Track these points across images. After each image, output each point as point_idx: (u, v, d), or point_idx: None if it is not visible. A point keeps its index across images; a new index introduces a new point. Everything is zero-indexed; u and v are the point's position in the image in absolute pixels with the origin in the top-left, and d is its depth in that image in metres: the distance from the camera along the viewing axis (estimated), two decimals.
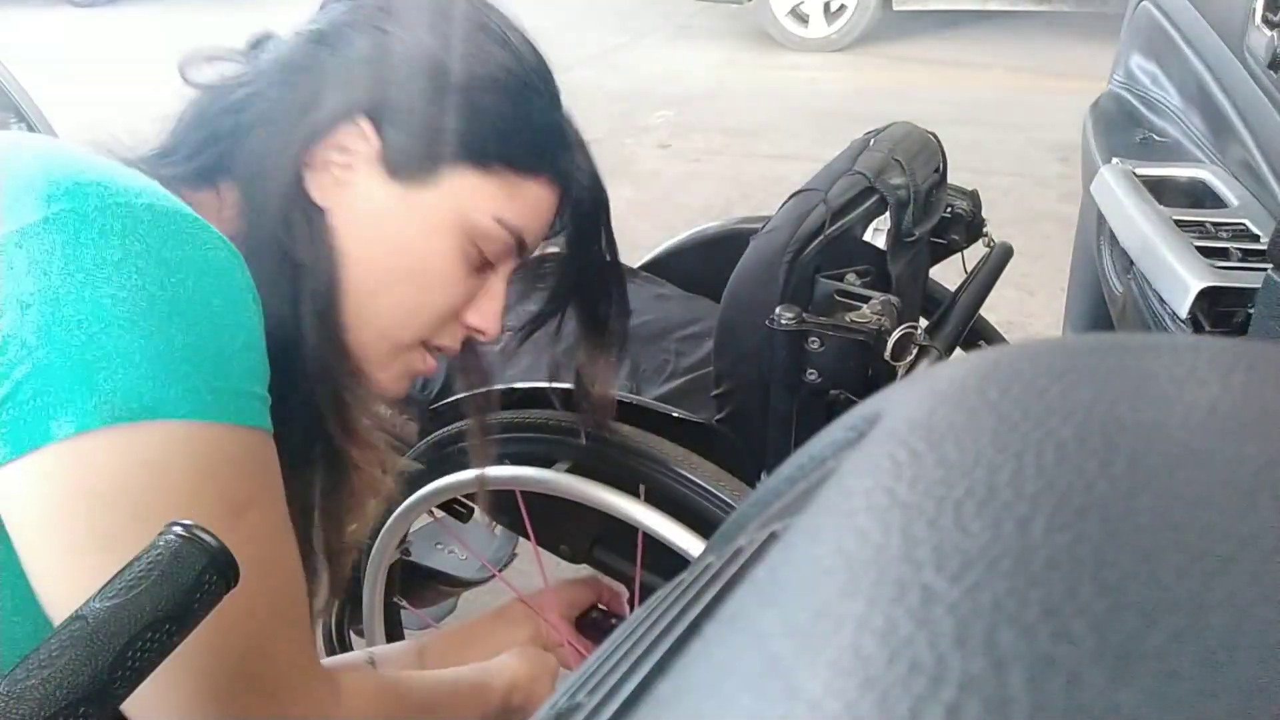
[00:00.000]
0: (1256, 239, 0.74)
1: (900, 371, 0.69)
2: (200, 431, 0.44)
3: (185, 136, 0.58)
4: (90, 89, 4.72)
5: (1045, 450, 0.15)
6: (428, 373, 0.65)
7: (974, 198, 0.90)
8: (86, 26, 6.37)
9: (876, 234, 0.77)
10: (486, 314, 0.62)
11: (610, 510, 0.72)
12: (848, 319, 0.69)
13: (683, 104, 3.92)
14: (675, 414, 0.76)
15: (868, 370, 0.68)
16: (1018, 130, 3.35)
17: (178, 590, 0.33)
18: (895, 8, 4.56)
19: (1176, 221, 0.76)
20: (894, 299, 0.70)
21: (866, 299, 0.71)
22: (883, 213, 0.75)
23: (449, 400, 0.82)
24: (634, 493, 0.73)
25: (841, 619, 0.13)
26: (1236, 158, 0.84)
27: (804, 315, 0.69)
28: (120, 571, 0.33)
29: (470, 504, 0.89)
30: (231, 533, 0.40)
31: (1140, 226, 0.76)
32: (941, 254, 0.90)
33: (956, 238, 0.87)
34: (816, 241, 0.71)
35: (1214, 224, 0.76)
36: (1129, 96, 1.08)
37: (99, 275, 0.43)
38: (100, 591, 0.33)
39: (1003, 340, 0.97)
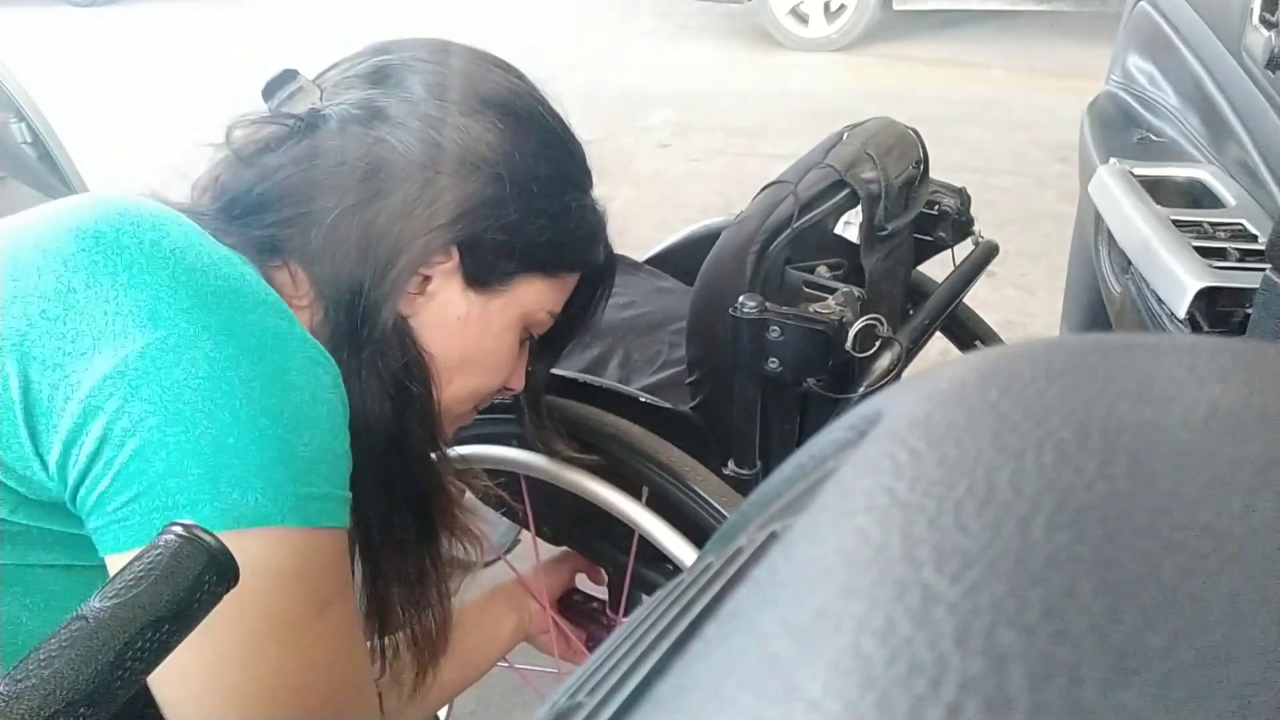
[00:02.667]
0: (1254, 239, 0.74)
1: (862, 363, 0.69)
2: (302, 536, 0.48)
3: (243, 201, 0.58)
4: (90, 89, 4.72)
5: (1045, 450, 0.15)
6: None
7: (962, 195, 0.90)
8: (87, 26, 6.36)
9: (849, 227, 0.77)
10: (518, 375, 0.70)
11: (578, 491, 0.75)
12: (811, 309, 0.69)
13: (683, 104, 3.92)
14: (642, 399, 0.78)
15: (829, 360, 0.69)
16: (1018, 130, 3.35)
17: (178, 590, 0.33)
18: (895, 8, 4.56)
19: (1174, 221, 0.76)
20: (857, 291, 0.70)
21: (833, 290, 0.71)
22: (854, 206, 0.75)
23: None
24: (602, 474, 0.75)
25: (841, 619, 0.13)
26: (1234, 157, 0.84)
27: (766, 304, 0.69)
28: (120, 571, 0.33)
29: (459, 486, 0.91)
30: (318, 625, 0.47)
31: (1138, 226, 0.76)
32: (929, 251, 0.90)
33: (944, 235, 0.87)
34: (785, 233, 0.72)
35: (1212, 224, 0.76)
36: (1126, 96, 1.08)
37: (229, 389, 0.46)
38: (100, 591, 0.33)
39: (1000, 340, 0.97)
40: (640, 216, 2.86)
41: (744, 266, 0.72)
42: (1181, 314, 0.69)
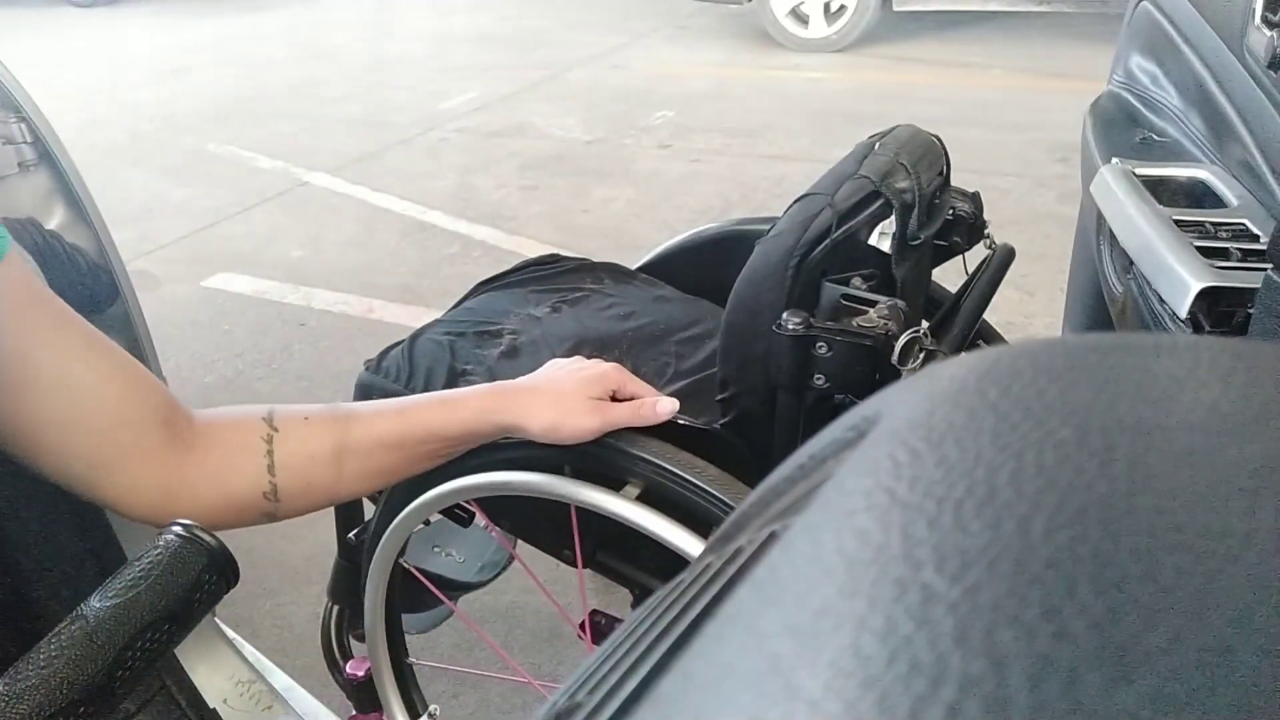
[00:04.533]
0: (1256, 239, 0.74)
1: (906, 376, 0.68)
2: None
3: None
4: (90, 89, 4.72)
5: (1045, 450, 0.15)
6: None
7: (975, 199, 0.89)
8: (87, 26, 6.36)
9: (884, 238, 0.77)
10: None
11: (605, 512, 0.72)
12: (855, 323, 0.68)
13: (683, 104, 3.92)
14: (680, 420, 0.75)
15: (875, 375, 0.68)
16: (1018, 130, 3.35)
17: (178, 590, 0.33)
18: (895, 8, 4.56)
19: (1176, 221, 0.76)
20: (900, 303, 0.69)
21: (873, 303, 0.70)
22: (888, 216, 0.75)
23: None
24: (629, 494, 0.72)
25: (841, 619, 0.13)
26: (1236, 157, 0.84)
27: (811, 320, 0.68)
28: (120, 571, 0.33)
29: (470, 509, 0.89)
30: None
31: (1140, 226, 0.76)
32: (943, 256, 0.90)
33: (959, 240, 0.87)
34: (823, 245, 0.71)
35: (1214, 224, 0.76)
36: (1128, 96, 1.08)
37: None
38: (100, 591, 0.33)
39: (1002, 340, 0.97)
40: (640, 217, 2.86)
41: (782, 281, 0.70)
42: (1183, 314, 0.69)
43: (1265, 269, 0.59)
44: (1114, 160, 0.89)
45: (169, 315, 2.36)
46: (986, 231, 0.89)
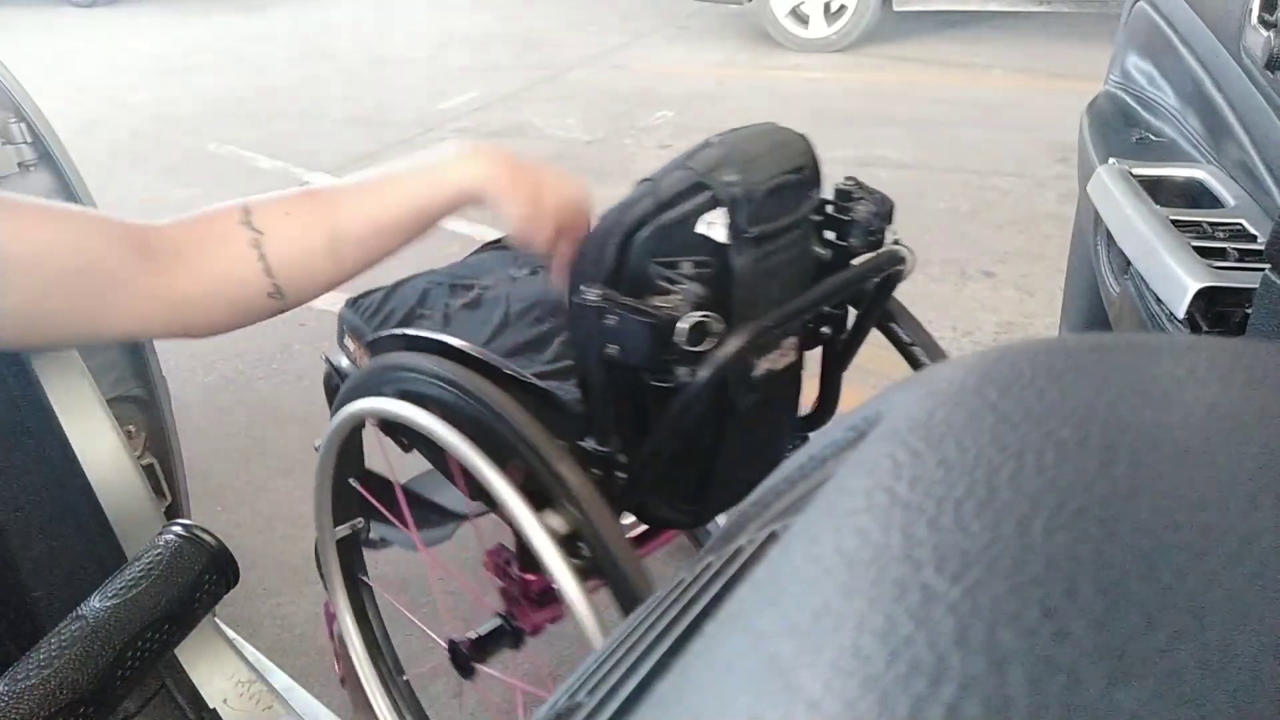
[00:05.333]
0: (1254, 239, 0.74)
1: (697, 356, 0.74)
2: None
3: None
4: (90, 89, 4.72)
5: (1045, 450, 0.15)
6: None
7: (882, 203, 0.91)
8: (87, 26, 6.36)
9: (713, 228, 0.79)
10: None
11: (447, 448, 0.82)
12: (653, 302, 0.74)
13: (683, 104, 3.92)
14: (506, 370, 0.86)
15: (657, 351, 0.73)
16: (1018, 130, 3.35)
17: (178, 590, 0.33)
18: (895, 8, 4.56)
19: (1173, 221, 0.76)
20: (697, 289, 0.74)
21: (683, 286, 0.76)
22: (714, 208, 0.78)
23: (384, 335, 1.00)
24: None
25: (841, 619, 0.13)
26: (1233, 158, 0.84)
27: (608, 294, 0.74)
28: (120, 571, 0.33)
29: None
30: None
31: (1137, 226, 0.77)
32: (844, 256, 0.91)
33: (854, 241, 0.89)
34: (646, 229, 0.75)
35: (1211, 224, 0.76)
36: (1125, 96, 1.08)
37: None
38: (100, 591, 0.33)
39: (938, 348, 1.00)
40: None
41: (600, 258, 0.76)
42: (1181, 314, 0.69)
43: (1263, 269, 0.59)
44: (1111, 160, 0.89)
45: None
46: (888, 236, 0.89)
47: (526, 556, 0.89)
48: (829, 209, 0.90)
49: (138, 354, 0.99)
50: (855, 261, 0.90)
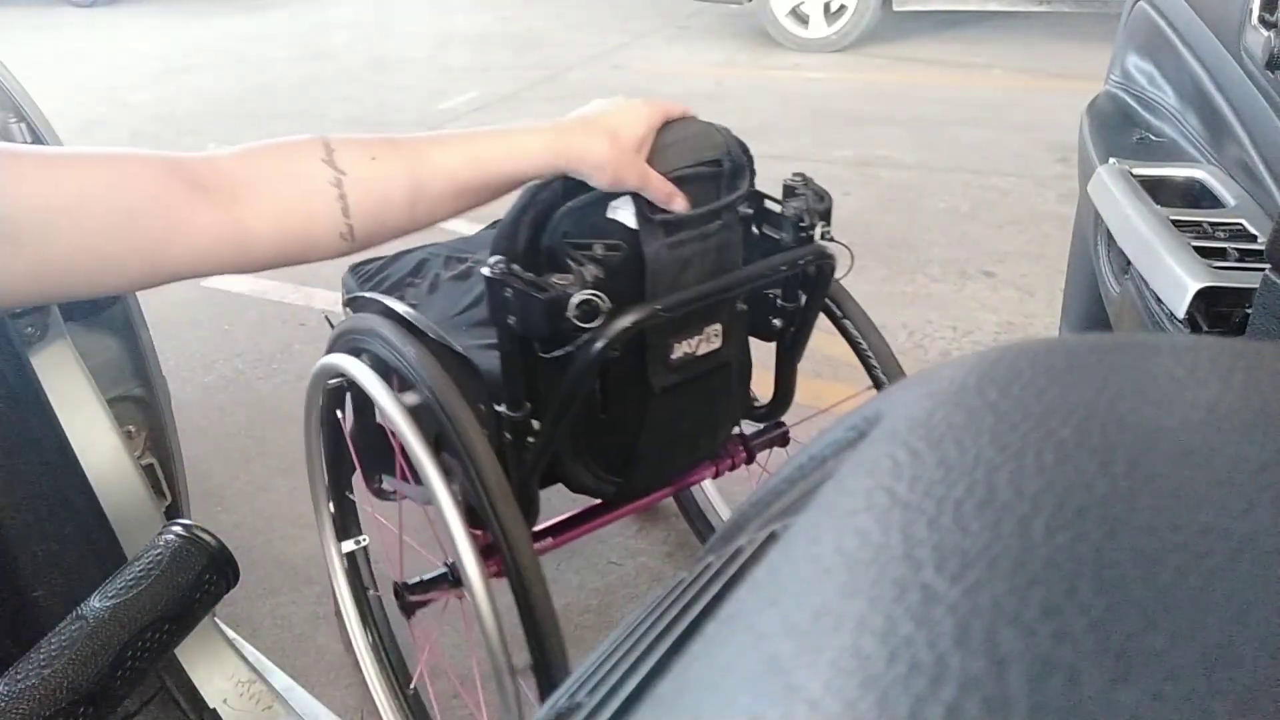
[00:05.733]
0: (1254, 239, 0.74)
1: (587, 332, 0.80)
2: None
3: None
4: (90, 89, 4.72)
5: (1045, 450, 0.15)
6: None
7: (817, 199, 0.92)
8: (87, 26, 6.36)
9: (619, 211, 0.82)
10: None
11: (374, 400, 0.92)
12: (553, 279, 0.79)
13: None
14: (432, 334, 0.93)
15: (552, 324, 0.79)
16: (1018, 130, 3.35)
17: (178, 590, 0.33)
18: (895, 8, 4.56)
19: (1174, 221, 0.76)
20: (593, 269, 0.80)
21: (584, 266, 0.82)
22: (619, 195, 0.82)
23: (353, 296, 1.12)
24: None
25: (841, 619, 0.13)
26: (1233, 158, 0.84)
27: (511, 268, 0.80)
28: (120, 571, 0.33)
29: None
30: None
31: (1137, 226, 0.77)
32: (774, 250, 0.93)
33: (785, 236, 0.92)
34: (559, 211, 0.81)
35: (1211, 224, 0.76)
36: (1126, 96, 1.08)
37: None
38: (100, 591, 0.33)
39: (876, 331, 1.04)
40: None
41: (513, 235, 0.82)
42: (1181, 314, 0.69)
43: (1263, 269, 0.59)
44: (1111, 160, 0.89)
45: (169, 315, 2.36)
46: (820, 232, 0.92)
47: (471, 511, 0.92)
48: (764, 203, 0.93)
49: (138, 354, 0.99)
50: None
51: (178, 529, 0.34)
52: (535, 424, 0.90)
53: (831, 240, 0.92)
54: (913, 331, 2.10)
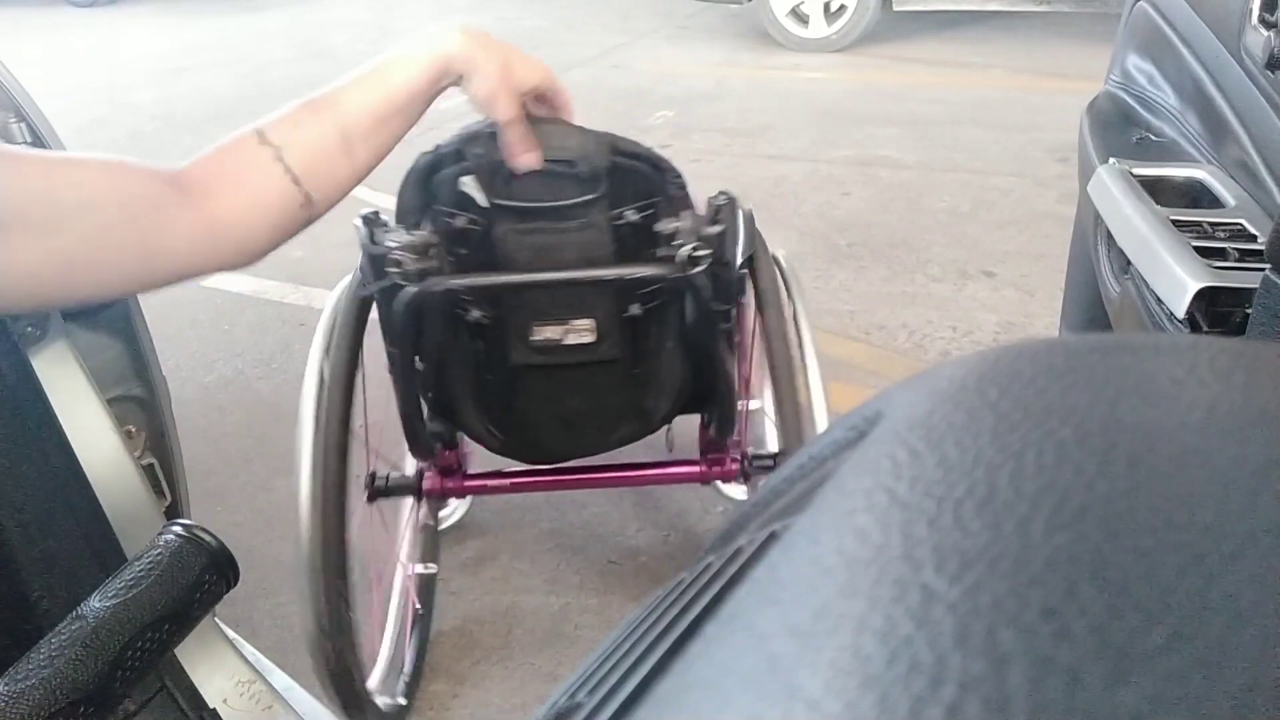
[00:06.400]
0: (1254, 239, 0.74)
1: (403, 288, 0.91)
2: None
3: None
4: (90, 89, 4.72)
5: (1045, 450, 0.15)
6: None
7: (696, 220, 0.93)
8: (87, 26, 6.36)
9: (466, 188, 0.90)
10: None
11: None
12: (396, 240, 0.89)
13: (683, 104, 3.92)
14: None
15: (378, 276, 0.91)
16: (1018, 130, 3.35)
17: (178, 590, 0.33)
18: (895, 8, 4.56)
19: (1174, 221, 0.76)
20: (416, 236, 0.89)
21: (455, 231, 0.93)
22: (467, 174, 0.89)
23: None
24: None
25: (841, 619, 0.13)
26: (1233, 158, 0.84)
27: (374, 229, 0.93)
28: (120, 571, 0.33)
29: None
30: None
31: (1137, 226, 0.77)
32: (648, 242, 0.95)
33: (659, 250, 0.93)
34: (434, 179, 0.90)
35: (1211, 224, 0.76)
36: (1125, 96, 1.08)
37: None
38: (100, 591, 0.33)
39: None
40: None
41: (401, 194, 0.93)
42: (1181, 314, 0.69)
43: (1263, 269, 0.59)
44: (1111, 160, 0.89)
45: (169, 315, 2.36)
46: (701, 255, 0.90)
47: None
48: (634, 214, 0.95)
49: (138, 354, 0.99)
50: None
51: (178, 529, 0.34)
52: (418, 363, 1.02)
53: (696, 260, 0.91)
54: (913, 331, 2.10)
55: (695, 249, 0.91)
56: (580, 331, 0.98)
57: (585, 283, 0.93)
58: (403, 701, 1.27)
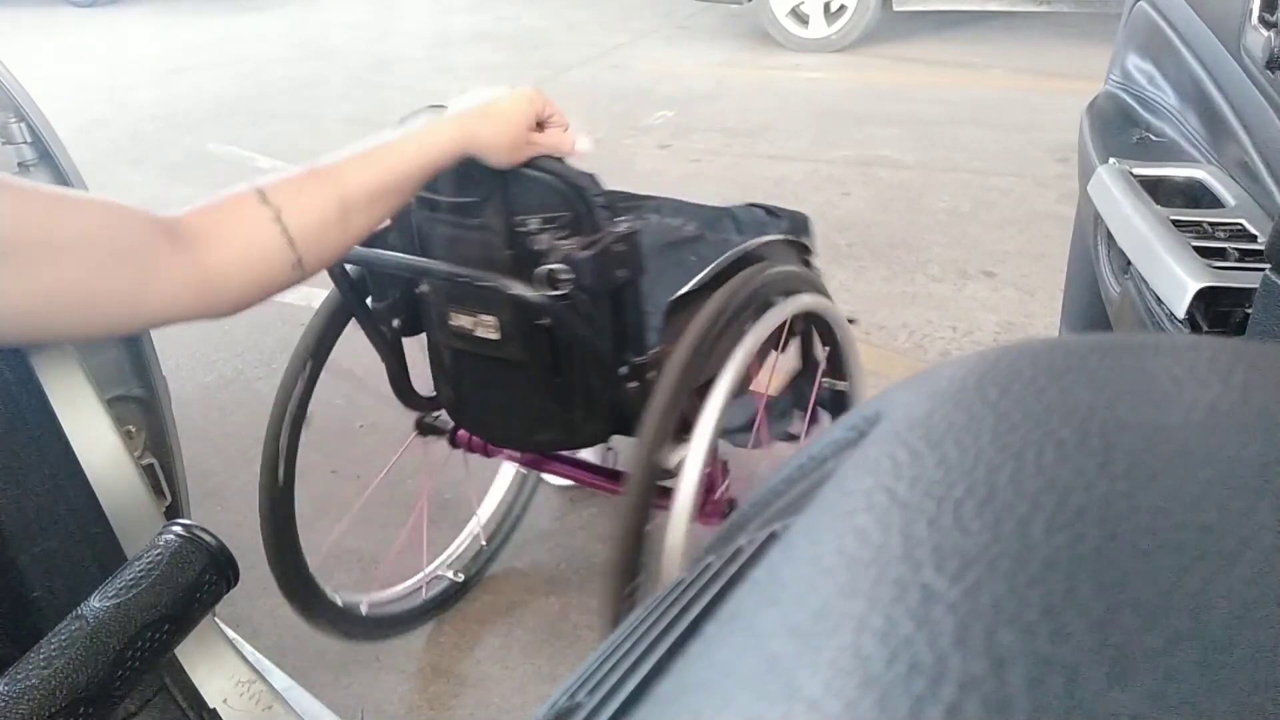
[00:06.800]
0: (1254, 239, 0.74)
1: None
2: None
3: None
4: (90, 89, 4.72)
5: (1045, 450, 0.15)
6: None
7: (573, 244, 0.91)
8: (87, 26, 6.36)
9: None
10: None
11: None
12: None
13: (683, 104, 3.92)
14: None
15: None
16: (1018, 130, 3.35)
17: (178, 590, 0.33)
18: (895, 8, 4.56)
19: (1174, 221, 0.76)
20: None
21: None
22: None
23: None
24: None
25: (841, 619, 0.13)
26: (1233, 157, 0.84)
27: None
28: (120, 571, 0.33)
29: None
30: None
31: (1137, 226, 0.76)
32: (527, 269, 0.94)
33: (537, 266, 0.92)
34: None
35: (1211, 224, 0.76)
36: (1126, 96, 1.08)
37: None
38: (100, 591, 0.33)
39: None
40: None
41: None
42: (1181, 314, 0.69)
43: (1263, 269, 0.59)
44: (1111, 160, 0.89)
45: None
46: (559, 278, 0.88)
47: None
48: (536, 223, 0.95)
49: (138, 354, 0.99)
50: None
51: (178, 529, 0.34)
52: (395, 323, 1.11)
53: (554, 279, 0.89)
54: (913, 331, 2.10)
55: (556, 272, 0.89)
56: (486, 327, 1.01)
57: (463, 279, 0.96)
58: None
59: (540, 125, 0.89)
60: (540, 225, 0.92)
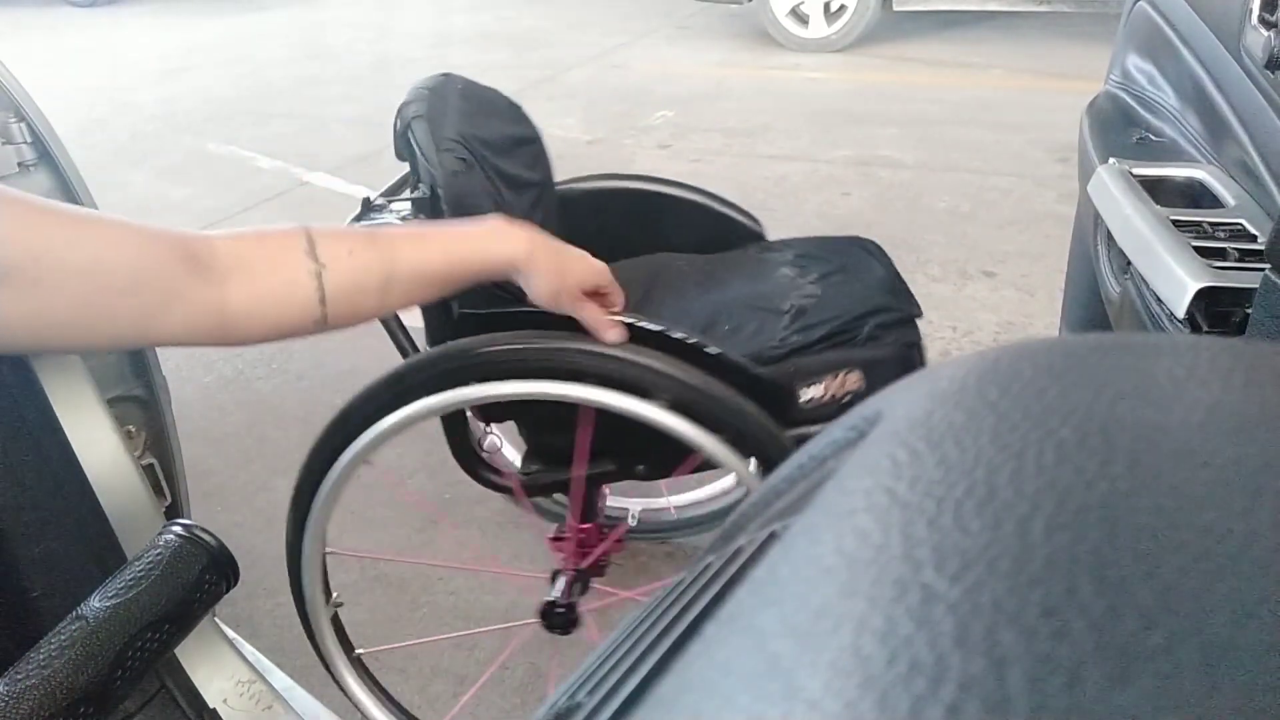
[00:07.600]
0: (1254, 239, 0.74)
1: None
2: None
3: None
4: (90, 89, 4.72)
5: (1045, 450, 0.15)
6: None
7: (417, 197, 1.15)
8: (87, 26, 6.36)
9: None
10: None
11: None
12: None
13: (683, 104, 3.92)
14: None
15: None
16: (1018, 130, 3.35)
17: (178, 590, 0.33)
18: (895, 8, 4.56)
19: (1174, 221, 0.76)
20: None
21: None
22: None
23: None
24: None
25: (841, 619, 0.13)
26: (1233, 157, 0.84)
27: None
28: (120, 571, 0.33)
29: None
30: None
31: (1137, 226, 0.76)
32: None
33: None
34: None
35: (1211, 224, 0.76)
36: (1126, 96, 1.08)
37: None
38: (100, 591, 0.33)
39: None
40: None
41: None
42: (1181, 314, 0.69)
43: (1263, 269, 0.59)
44: (1111, 160, 0.89)
45: None
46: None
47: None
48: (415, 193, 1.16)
49: (138, 354, 0.99)
50: None
51: (178, 529, 0.34)
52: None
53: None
54: None
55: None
56: None
57: None
58: None
59: (595, 295, 0.87)
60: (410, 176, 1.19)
